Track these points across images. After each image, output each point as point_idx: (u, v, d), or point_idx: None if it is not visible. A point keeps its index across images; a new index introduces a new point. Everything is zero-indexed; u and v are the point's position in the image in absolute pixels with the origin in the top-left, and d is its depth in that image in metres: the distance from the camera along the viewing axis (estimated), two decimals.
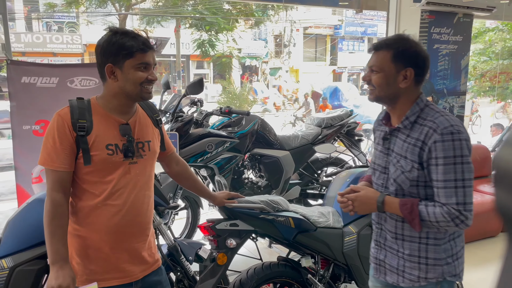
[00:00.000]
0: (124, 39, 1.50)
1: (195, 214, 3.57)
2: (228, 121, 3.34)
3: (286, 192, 3.59)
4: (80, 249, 1.58)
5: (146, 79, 1.54)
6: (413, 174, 1.51)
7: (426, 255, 1.56)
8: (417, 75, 1.53)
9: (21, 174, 2.81)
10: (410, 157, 1.51)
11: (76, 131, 1.50)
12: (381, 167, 1.65)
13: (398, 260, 1.62)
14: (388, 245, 1.66)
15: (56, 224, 1.50)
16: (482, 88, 11.96)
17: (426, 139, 1.47)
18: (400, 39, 1.55)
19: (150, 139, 1.68)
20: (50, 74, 2.73)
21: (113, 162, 1.55)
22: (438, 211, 1.45)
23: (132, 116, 1.63)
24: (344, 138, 4.01)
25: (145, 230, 1.68)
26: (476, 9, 4.60)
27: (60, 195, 1.52)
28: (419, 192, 1.53)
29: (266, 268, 2.29)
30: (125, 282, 1.62)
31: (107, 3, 13.79)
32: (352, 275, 2.43)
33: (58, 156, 1.50)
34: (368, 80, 1.59)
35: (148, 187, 1.69)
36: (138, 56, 1.51)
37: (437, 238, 1.55)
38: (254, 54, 24.31)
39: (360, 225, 2.45)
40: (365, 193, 1.62)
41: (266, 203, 2.22)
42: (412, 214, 1.48)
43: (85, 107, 1.55)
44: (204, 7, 15.09)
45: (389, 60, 1.52)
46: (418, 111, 1.54)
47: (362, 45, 27.82)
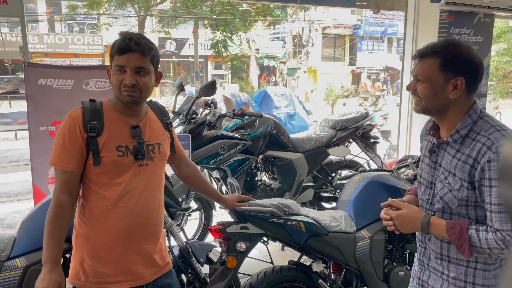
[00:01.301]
0: (116, 42, 1.52)
1: (208, 215, 3.57)
2: (241, 123, 3.33)
3: (299, 195, 3.56)
4: (92, 251, 1.58)
5: (122, 82, 1.51)
6: (462, 194, 1.37)
7: (474, 280, 1.43)
8: (469, 84, 1.38)
9: (37, 174, 2.86)
10: (459, 175, 1.37)
11: (87, 132, 1.51)
12: (427, 182, 1.52)
13: (442, 282, 1.50)
14: (432, 265, 1.54)
15: (55, 225, 1.52)
16: (505, 89, 11.65)
17: (479, 157, 1.33)
18: (449, 45, 1.40)
19: (161, 142, 1.68)
20: (66, 76, 2.78)
21: (123, 164, 1.56)
22: (491, 237, 1.31)
23: (143, 119, 1.64)
24: (359, 140, 3.95)
25: (156, 233, 1.69)
26: (497, 9, 4.48)
27: (65, 196, 1.53)
28: (469, 212, 1.40)
29: (276, 272, 2.27)
30: (136, 285, 1.62)
31: (127, 5, 13.98)
32: (364, 281, 2.39)
33: (67, 156, 1.51)
34: (413, 90, 1.45)
35: (159, 189, 1.69)
36: (115, 58, 1.52)
37: (487, 263, 1.41)
38: (272, 55, 24.29)
39: (373, 230, 2.41)
40: (408, 212, 1.49)
41: (277, 206, 2.20)
42: (461, 239, 1.35)
43: (97, 109, 1.56)
44: (222, 8, 15.16)
45: (437, 68, 1.38)
46: (470, 123, 1.39)
47: (382, 45, 27.48)
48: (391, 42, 27.63)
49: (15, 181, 3.27)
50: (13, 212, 3.21)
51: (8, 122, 3.15)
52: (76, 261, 1.61)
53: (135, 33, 1.58)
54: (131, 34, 1.55)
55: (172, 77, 21.98)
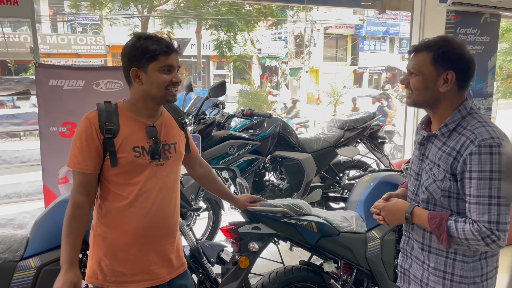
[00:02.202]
0: (148, 43, 1.53)
1: (217, 215, 3.58)
2: (250, 123, 3.34)
3: (308, 195, 3.57)
4: (109, 251, 1.60)
5: (171, 81, 1.56)
6: (445, 184, 1.43)
7: (452, 271, 1.48)
8: (460, 79, 1.43)
9: (48, 175, 2.87)
10: (443, 166, 1.43)
11: (104, 133, 1.53)
12: (414, 173, 1.58)
13: (423, 271, 1.55)
14: (414, 254, 1.59)
15: (73, 226, 1.54)
16: (508, 89, 11.64)
17: (462, 150, 1.38)
18: (441, 40, 1.46)
19: (176, 141, 1.70)
20: (77, 77, 2.79)
21: (139, 164, 1.57)
22: (468, 228, 1.36)
23: (159, 119, 1.66)
24: (367, 140, 3.96)
25: (172, 232, 1.71)
26: (504, 9, 4.47)
27: (83, 197, 1.55)
28: (451, 204, 1.45)
29: (288, 272, 2.28)
30: (152, 284, 1.64)
31: (130, 5, 13.99)
32: (375, 281, 2.40)
33: (84, 158, 1.53)
34: (406, 84, 1.51)
35: (175, 189, 1.71)
36: (161, 59, 1.54)
37: (466, 255, 1.46)
38: (274, 55, 24.27)
39: (384, 230, 2.42)
40: (394, 203, 1.55)
41: (289, 207, 2.21)
42: (440, 229, 1.40)
43: (112, 110, 1.58)
44: (226, 8, 15.17)
45: (429, 62, 1.44)
46: (459, 118, 1.44)
47: (384, 45, 27.44)
48: (393, 42, 27.58)
49: (25, 181, 3.28)
50: (23, 212, 3.22)
51: (18, 123, 3.17)
52: (93, 260, 1.62)
53: (154, 34, 1.61)
54: (156, 35, 1.58)
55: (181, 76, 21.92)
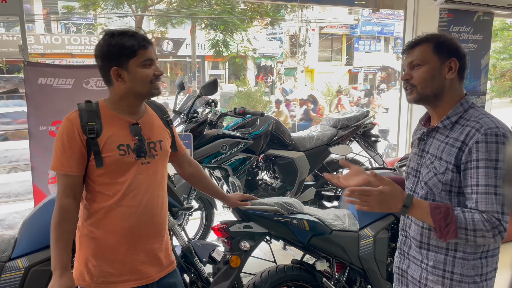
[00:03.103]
0: (124, 39, 1.49)
1: (209, 215, 3.56)
2: (242, 122, 3.32)
3: (301, 193, 3.55)
4: (97, 251, 1.57)
5: (154, 75, 1.54)
6: (446, 177, 1.38)
7: (452, 269, 1.42)
8: (460, 69, 1.45)
9: (37, 174, 2.84)
10: (446, 158, 1.39)
11: (86, 134, 1.50)
12: (412, 170, 1.54)
13: (421, 272, 1.50)
14: (412, 254, 1.54)
15: (62, 230, 1.51)
16: (502, 88, 11.69)
17: (467, 139, 1.35)
18: (437, 33, 1.47)
19: (162, 139, 1.67)
20: (66, 75, 2.76)
21: (125, 163, 1.55)
22: (477, 217, 1.29)
23: (142, 116, 1.63)
24: (360, 139, 3.95)
25: (160, 231, 1.68)
26: (496, 7, 4.49)
27: (69, 200, 1.52)
28: (451, 199, 1.40)
29: (280, 271, 2.26)
30: (141, 284, 1.62)
31: (124, 5, 13.93)
32: (368, 279, 2.39)
33: (67, 160, 1.50)
34: (409, 78, 1.46)
35: (162, 187, 1.68)
36: (141, 54, 1.51)
37: (466, 252, 1.41)
38: (269, 54, 24.25)
39: (376, 228, 2.41)
40: (392, 190, 1.30)
41: (281, 205, 2.19)
42: (448, 219, 1.30)
43: (94, 110, 1.54)
44: (220, 8, 15.15)
45: (431, 52, 1.43)
46: (461, 111, 1.43)
47: (379, 44, 27.51)
48: (388, 41, 27.65)
49: (14, 181, 3.24)
50: (13, 212, 3.19)
51: (7, 122, 3.13)
52: (80, 261, 1.59)
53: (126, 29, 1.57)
54: (128, 30, 1.54)
55: (169, 77, 21.93)
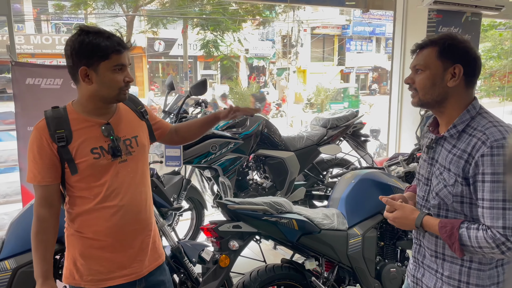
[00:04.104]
0: (98, 39, 1.43)
1: (200, 215, 3.56)
2: (232, 122, 3.32)
3: (291, 193, 3.56)
4: (83, 250, 1.57)
5: (123, 81, 1.49)
6: (456, 189, 1.34)
7: (468, 280, 1.39)
8: (467, 74, 1.37)
9: (26, 175, 2.80)
10: (454, 170, 1.35)
11: (56, 142, 1.46)
12: (424, 178, 1.50)
13: (436, 281, 1.47)
14: (426, 263, 1.51)
15: (39, 240, 1.50)
16: (491, 88, 11.82)
17: (473, 152, 1.30)
18: (446, 35, 1.40)
19: (137, 134, 1.63)
20: (54, 76, 2.74)
21: (101, 165, 1.52)
22: (481, 235, 1.27)
23: (113, 115, 1.58)
24: (350, 138, 3.97)
25: (147, 226, 1.66)
26: (484, 8, 4.54)
27: (45, 210, 1.51)
28: (464, 209, 1.36)
29: (269, 270, 2.26)
30: (131, 279, 1.61)
31: (115, 5, 13.86)
32: (356, 278, 2.40)
33: (39, 171, 1.48)
34: (411, 82, 1.43)
35: (143, 183, 1.65)
36: (114, 58, 1.45)
37: (482, 263, 1.38)
38: (262, 55, 24.28)
39: (365, 227, 2.42)
40: (402, 214, 1.45)
41: (269, 204, 2.20)
42: (452, 238, 1.32)
43: (61, 116, 1.50)
44: (212, 8, 15.12)
45: (435, 56, 1.37)
46: (468, 119, 1.36)
47: (370, 45, 27.67)
48: (379, 42, 27.82)
49: (2, 182, 3.22)
50: (1, 213, 3.16)
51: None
52: (69, 260, 1.59)
53: (103, 29, 1.51)
54: (105, 31, 1.49)
55: (161, 77, 21.85)
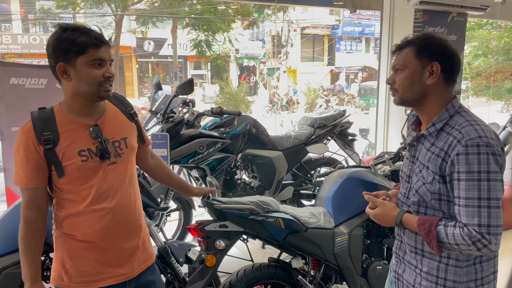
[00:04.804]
0: (75, 35, 1.41)
1: (187, 215, 3.55)
2: (220, 122, 3.32)
3: (279, 192, 3.57)
4: (72, 252, 1.55)
5: (103, 76, 1.45)
6: (434, 187, 1.38)
7: (445, 276, 1.42)
8: (446, 71, 1.39)
9: (10, 176, 2.79)
10: (432, 168, 1.38)
11: (43, 144, 1.43)
12: (405, 175, 1.53)
13: (415, 276, 1.50)
14: (407, 259, 1.54)
15: (27, 243, 1.49)
16: (478, 87, 11.97)
17: (450, 150, 1.33)
18: (424, 34, 1.44)
19: (126, 136, 1.61)
20: (39, 75, 2.71)
21: (89, 168, 1.49)
22: (457, 232, 1.30)
23: (102, 116, 1.56)
24: (337, 138, 4.00)
25: (137, 227, 1.65)
26: (470, 8, 4.60)
27: (33, 212, 1.49)
28: (442, 207, 1.40)
29: (256, 269, 2.27)
30: (121, 280, 1.60)
31: (103, 4, 13.75)
32: (343, 276, 2.42)
33: (25, 173, 1.46)
34: (391, 82, 1.47)
35: (132, 184, 1.64)
36: (90, 52, 1.42)
37: (459, 260, 1.41)
38: (252, 55, 24.29)
39: (351, 226, 2.44)
40: (382, 211, 1.49)
41: (256, 204, 2.20)
42: (430, 235, 1.35)
43: (48, 117, 1.47)
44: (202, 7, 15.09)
45: (413, 56, 1.40)
46: (446, 117, 1.39)
47: (360, 45, 27.82)
48: (368, 42, 27.98)
49: None
50: None
51: None
52: (57, 262, 1.57)
53: (82, 25, 1.49)
54: (84, 27, 1.47)
55: (151, 78, 21.74)
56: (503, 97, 11.73)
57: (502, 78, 11.49)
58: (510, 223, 4.09)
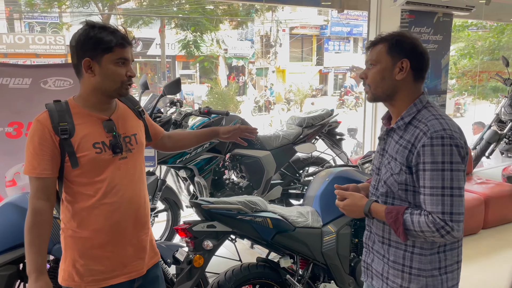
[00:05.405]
0: (103, 34, 1.48)
1: (175, 216, 3.53)
2: (208, 122, 3.31)
3: (268, 192, 3.57)
4: (84, 251, 1.56)
5: (125, 75, 1.53)
6: (401, 177, 1.45)
7: (411, 264, 1.49)
8: (415, 69, 1.47)
9: None
10: (400, 159, 1.45)
11: (59, 134, 1.47)
12: (376, 168, 1.60)
13: (383, 265, 1.57)
14: (375, 249, 1.61)
15: (35, 234, 1.48)
16: (464, 87, 12.13)
17: (416, 142, 1.40)
18: (395, 32, 1.51)
19: (136, 132, 1.67)
20: (23, 75, 2.66)
21: (102, 160, 1.53)
22: (422, 220, 1.37)
23: (114, 112, 1.61)
24: (325, 137, 4.01)
25: (145, 223, 1.69)
26: (455, 9, 4.66)
27: (42, 202, 1.49)
28: (408, 197, 1.47)
29: (244, 269, 2.26)
30: (131, 277, 1.62)
31: (90, 3, 13.61)
32: (331, 275, 2.43)
33: (39, 162, 1.47)
34: (364, 77, 1.54)
35: (141, 180, 1.68)
36: (117, 51, 1.49)
37: (423, 248, 1.48)
38: (241, 55, 24.26)
39: (339, 225, 2.45)
40: (351, 201, 1.56)
41: (244, 203, 2.20)
42: (396, 223, 1.42)
43: (64, 109, 1.51)
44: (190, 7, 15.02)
45: (385, 52, 1.48)
46: (414, 112, 1.47)
47: (348, 45, 27.96)
48: (356, 42, 28.14)
49: None
50: None
51: None
52: (67, 263, 1.57)
53: (108, 24, 1.56)
54: (111, 26, 1.53)
55: (139, 78, 21.52)
56: (488, 96, 11.91)
57: (487, 77, 11.67)
58: (470, 229, 4.17)
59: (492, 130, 5.65)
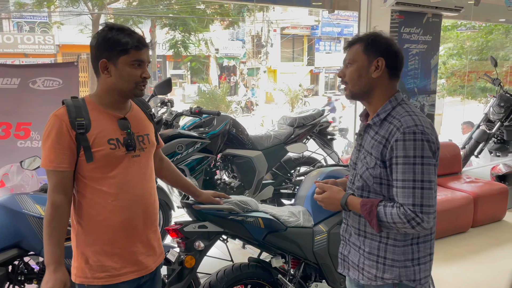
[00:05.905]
0: (120, 35, 1.52)
1: (167, 216, 3.51)
2: (200, 122, 3.30)
3: (259, 192, 3.57)
4: (95, 247, 1.58)
5: (140, 77, 1.57)
6: (376, 171, 1.51)
7: (385, 255, 1.56)
8: (390, 67, 1.54)
9: None
10: (375, 154, 1.51)
11: (75, 129, 1.51)
12: (353, 163, 1.66)
13: (359, 257, 1.63)
14: (352, 241, 1.67)
15: (54, 226, 1.52)
16: (453, 87, 12.25)
17: (390, 137, 1.47)
18: (372, 33, 1.58)
19: (148, 132, 1.72)
20: (11, 75, 2.63)
21: (116, 157, 1.56)
22: (395, 211, 1.44)
23: (129, 111, 1.66)
24: (316, 137, 4.02)
25: (155, 220, 1.73)
26: (444, 9, 4.70)
27: (61, 196, 1.53)
28: (382, 190, 1.53)
29: (236, 269, 2.26)
30: (141, 275, 1.66)
31: (79, 3, 13.50)
32: (323, 274, 2.43)
33: (56, 156, 1.50)
34: (342, 76, 1.60)
35: (152, 178, 1.73)
36: (133, 53, 1.53)
37: (396, 239, 1.54)
38: (232, 55, 24.24)
39: (330, 224, 2.45)
40: (329, 194, 1.64)
41: (235, 204, 2.19)
42: (371, 214, 1.49)
43: (81, 105, 1.56)
44: (180, 7, 14.98)
45: (361, 51, 1.54)
46: (389, 109, 1.53)
47: (339, 45, 28.07)
48: None
49: None
50: None
51: None
52: (79, 259, 1.60)
53: (126, 26, 1.59)
54: (128, 28, 1.56)
55: None
56: (477, 96, 12.05)
57: (476, 77, 11.80)
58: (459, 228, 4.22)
59: (481, 130, 5.72)
